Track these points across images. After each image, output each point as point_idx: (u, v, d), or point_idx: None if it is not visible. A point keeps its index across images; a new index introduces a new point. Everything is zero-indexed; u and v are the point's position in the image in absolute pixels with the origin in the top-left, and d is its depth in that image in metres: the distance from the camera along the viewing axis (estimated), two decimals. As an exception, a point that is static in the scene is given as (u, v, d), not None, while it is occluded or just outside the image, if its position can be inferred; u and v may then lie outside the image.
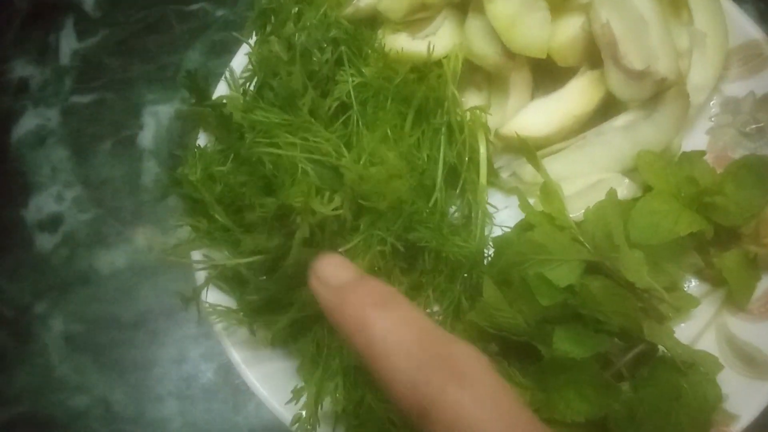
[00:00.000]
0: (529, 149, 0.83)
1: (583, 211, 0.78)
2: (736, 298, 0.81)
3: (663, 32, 0.83)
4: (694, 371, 0.73)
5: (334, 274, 0.56)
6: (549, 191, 0.80)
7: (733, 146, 0.91)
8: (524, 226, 0.81)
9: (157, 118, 1.17)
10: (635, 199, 0.80)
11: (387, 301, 0.52)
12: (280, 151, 0.76)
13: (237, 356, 0.84)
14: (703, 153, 0.85)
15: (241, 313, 0.81)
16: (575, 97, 0.88)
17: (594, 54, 0.87)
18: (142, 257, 1.08)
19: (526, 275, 0.74)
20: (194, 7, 1.24)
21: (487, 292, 0.75)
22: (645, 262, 0.74)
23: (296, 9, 0.88)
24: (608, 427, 0.71)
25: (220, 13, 1.23)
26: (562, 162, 0.88)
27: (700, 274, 0.84)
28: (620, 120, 0.87)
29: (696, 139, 0.92)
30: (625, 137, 0.86)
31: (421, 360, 0.47)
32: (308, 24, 0.86)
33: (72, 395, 1.01)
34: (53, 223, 1.11)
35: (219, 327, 0.82)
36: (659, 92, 0.83)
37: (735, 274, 0.80)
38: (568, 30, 0.87)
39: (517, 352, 0.77)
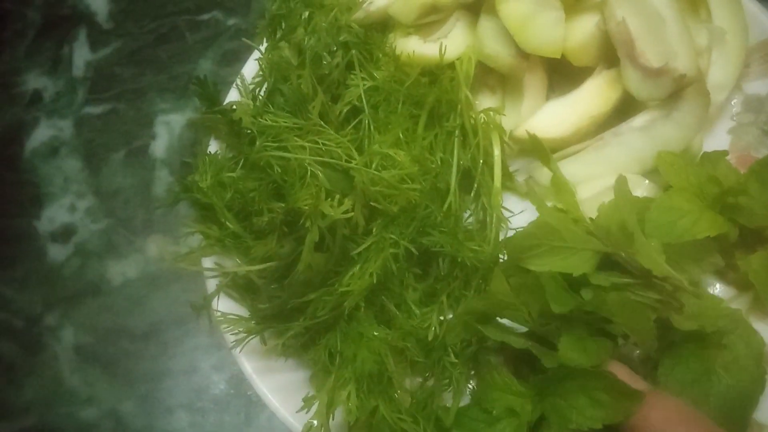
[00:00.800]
0: (541, 148, 0.81)
1: (597, 209, 0.76)
2: (763, 302, 0.78)
3: (681, 28, 0.81)
4: (731, 351, 0.71)
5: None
6: (560, 185, 0.79)
7: (756, 145, 0.88)
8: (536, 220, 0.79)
9: (169, 128, 1.17)
10: (651, 198, 0.78)
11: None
12: (289, 155, 0.75)
13: (249, 367, 0.83)
14: (725, 153, 0.82)
15: (253, 322, 0.80)
16: (592, 97, 0.87)
17: (610, 53, 0.86)
18: (154, 267, 1.07)
19: (541, 274, 0.71)
20: (206, 16, 1.24)
21: (495, 282, 0.73)
22: (661, 251, 0.71)
23: (306, 14, 0.88)
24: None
25: (231, 22, 1.23)
26: (580, 164, 0.86)
27: (725, 278, 0.82)
28: (638, 120, 0.85)
29: (717, 139, 0.89)
30: (644, 137, 0.84)
31: None
32: (318, 28, 0.85)
33: (82, 407, 1.00)
34: (65, 233, 1.11)
35: (230, 337, 0.81)
36: (678, 90, 0.81)
37: (761, 276, 0.77)
38: (583, 29, 0.86)
39: (517, 362, 0.76)
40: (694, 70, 0.80)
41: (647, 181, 0.82)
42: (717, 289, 0.82)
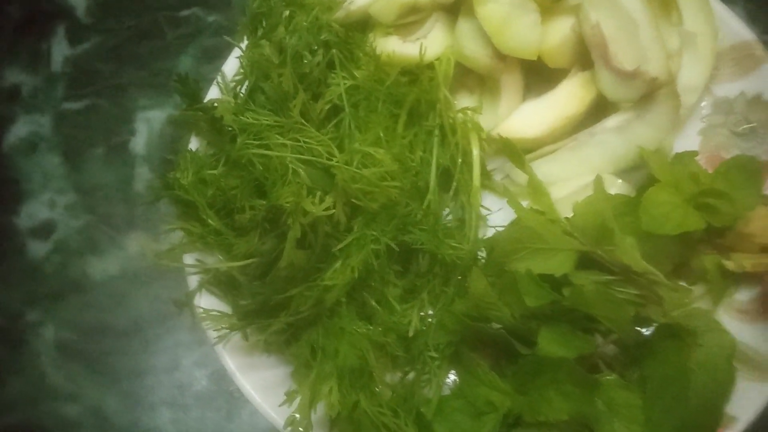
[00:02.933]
0: (514, 150, 0.83)
1: (572, 208, 0.79)
2: (712, 297, 0.81)
3: (653, 32, 0.83)
4: (704, 349, 0.73)
5: None
6: (537, 188, 0.81)
7: (725, 146, 0.91)
8: (515, 223, 0.81)
9: (149, 124, 1.17)
10: (627, 196, 0.80)
11: None
12: (270, 152, 0.76)
13: (231, 363, 0.84)
14: (695, 153, 0.85)
15: (235, 318, 0.81)
16: (567, 98, 0.89)
17: (585, 55, 0.88)
18: (135, 264, 1.07)
19: (515, 271, 0.74)
20: (186, 12, 1.23)
21: (473, 283, 0.75)
22: (636, 248, 0.74)
23: (287, 12, 0.88)
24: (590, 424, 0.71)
25: (212, 18, 1.23)
26: (555, 164, 0.88)
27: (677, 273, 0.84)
28: (612, 121, 0.88)
29: (688, 140, 0.92)
30: (617, 138, 0.86)
31: None
32: (299, 27, 0.86)
33: (64, 404, 1.00)
34: (45, 230, 1.11)
35: (213, 333, 0.81)
36: (650, 92, 0.83)
37: (715, 276, 0.80)
38: (559, 32, 0.88)
39: (496, 357, 0.78)
40: (665, 74, 0.82)
41: (620, 181, 0.85)
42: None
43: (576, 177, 0.86)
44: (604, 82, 0.85)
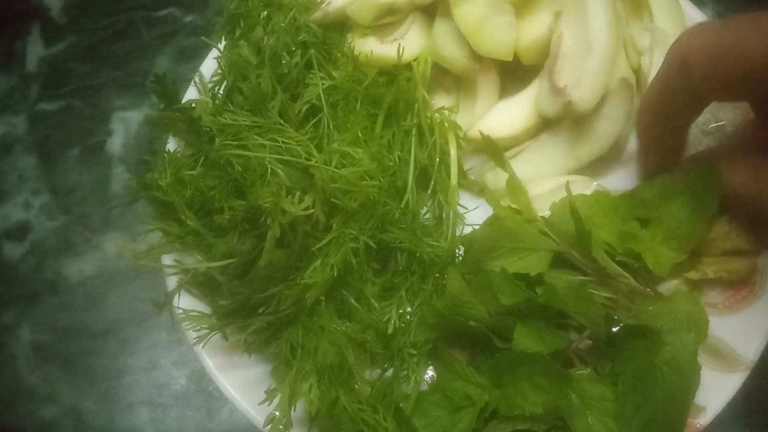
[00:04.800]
0: (495, 148, 0.84)
1: (549, 208, 0.80)
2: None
3: (601, 64, 0.83)
4: (670, 348, 0.75)
5: None
6: (515, 187, 0.82)
7: (695, 144, 0.92)
8: (492, 222, 0.82)
9: (126, 125, 1.16)
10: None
11: None
12: (249, 153, 0.76)
13: (210, 362, 0.84)
14: (665, 152, 0.86)
15: (214, 318, 0.81)
16: (538, 96, 0.90)
17: (557, 55, 0.89)
18: (112, 264, 1.07)
19: (490, 271, 0.75)
20: (163, 12, 1.23)
21: (450, 282, 0.76)
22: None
23: (265, 13, 0.89)
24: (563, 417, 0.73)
25: (188, 18, 1.22)
26: (525, 164, 0.89)
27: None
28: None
29: (659, 139, 0.93)
30: (576, 133, 0.87)
31: None
32: (277, 28, 0.86)
33: (42, 406, 0.99)
34: (20, 231, 1.10)
35: (192, 333, 0.81)
36: (565, 116, 0.85)
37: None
38: (535, 29, 0.89)
39: (473, 352, 0.80)
40: (586, 105, 0.82)
41: (595, 183, 0.86)
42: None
43: (545, 176, 0.87)
44: (540, 90, 0.86)
